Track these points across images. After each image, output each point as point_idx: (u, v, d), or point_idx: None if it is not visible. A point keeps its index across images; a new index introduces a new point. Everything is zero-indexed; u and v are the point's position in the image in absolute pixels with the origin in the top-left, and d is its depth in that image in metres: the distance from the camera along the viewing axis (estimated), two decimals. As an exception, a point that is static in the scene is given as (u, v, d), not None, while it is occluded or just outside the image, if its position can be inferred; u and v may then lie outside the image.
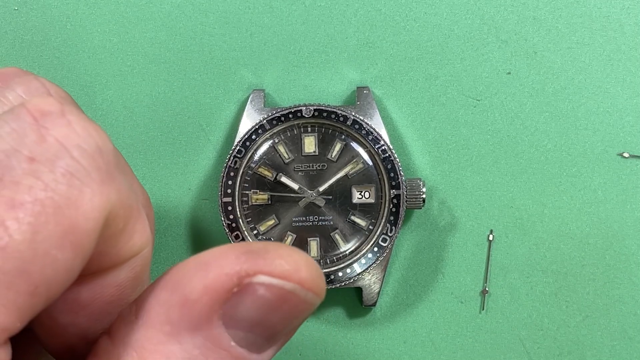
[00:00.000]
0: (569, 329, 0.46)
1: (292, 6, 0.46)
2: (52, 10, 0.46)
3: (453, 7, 0.45)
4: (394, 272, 0.46)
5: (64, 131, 0.19)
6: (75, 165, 0.19)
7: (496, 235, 0.46)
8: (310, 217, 0.44)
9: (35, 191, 0.18)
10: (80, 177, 0.19)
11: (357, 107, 0.44)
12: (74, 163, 0.19)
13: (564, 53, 0.45)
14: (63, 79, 0.46)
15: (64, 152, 0.19)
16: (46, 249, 0.18)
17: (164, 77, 0.46)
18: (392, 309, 0.46)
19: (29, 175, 0.18)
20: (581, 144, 0.45)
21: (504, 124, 0.46)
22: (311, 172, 0.44)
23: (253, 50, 0.46)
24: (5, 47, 0.46)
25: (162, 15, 0.46)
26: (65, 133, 0.19)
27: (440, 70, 0.45)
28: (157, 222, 0.46)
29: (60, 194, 0.18)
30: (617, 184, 0.45)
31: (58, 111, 0.19)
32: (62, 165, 0.19)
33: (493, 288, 0.46)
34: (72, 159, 0.19)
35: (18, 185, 0.18)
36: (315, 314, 0.47)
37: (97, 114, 0.46)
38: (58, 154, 0.19)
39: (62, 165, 0.19)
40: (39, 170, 0.18)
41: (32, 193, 0.18)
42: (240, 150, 0.43)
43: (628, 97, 0.45)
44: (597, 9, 0.45)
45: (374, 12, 0.45)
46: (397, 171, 0.43)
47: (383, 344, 0.46)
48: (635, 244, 0.45)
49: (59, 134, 0.19)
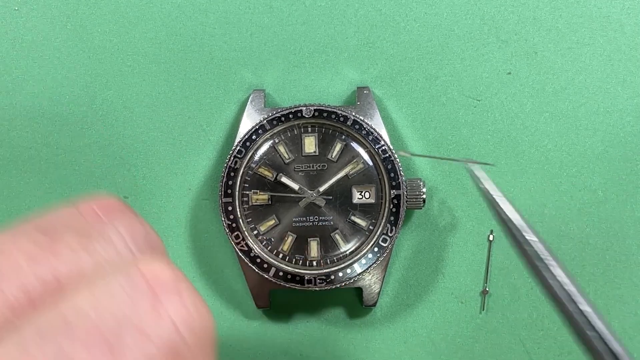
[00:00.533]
0: (569, 329, 0.46)
1: (292, 6, 0.45)
2: (52, 10, 0.46)
3: (453, 8, 0.45)
4: (394, 272, 0.46)
5: (177, 308, 0.19)
6: (184, 347, 0.19)
7: (496, 236, 0.46)
8: (311, 217, 0.44)
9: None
10: (185, 358, 0.19)
11: (358, 107, 0.44)
12: (182, 345, 0.19)
13: (564, 53, 0.45)
14: (63, 79, 0.46)
15: (175, 332, 0.19)
16: None
17: (164, 77, 0.46)
18: (392, 309, 0.46)
19: (137, 348, 0.18)
20: (581, 144, 0.45)
21: (504, 124, 0.46)
22: (311, 172, 0.44)
23: (253, 50, 0.46)
24: (5, 47, 0.46)
25: (162, 15, 0.46)
26: (178, 310, 0.19)
27: (440, 70, 0.45)
28: (157, 222, 0.46)
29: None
30: (617, 184, 0.45)
31: (173, 283, 0.19)
32: (171, 344, 0.19)
33: (493, 288, 0.46)
34: (182, 340, 0.19)
35: (124, 358, 0.18)
36: (316, 314, 0.47)
37: (97, 114, 0.46)
38: (169, 331, 0.19)
39: (170, 345, 0.19)
40: (147, 345, 0.18)
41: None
42: (240, 151, 0.43)
43: (628, 97, 0.45)
44: (597, 9, 0.45)
45: (374, 12, 0.45)
46: (397, 171, 0.43)
47: (383, 344, 0.46)
48: (635, 244, 0.45)
49: (173, 311, 0.19)
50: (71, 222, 0.21)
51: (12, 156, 0.46)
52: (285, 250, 0.44)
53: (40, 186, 0.46)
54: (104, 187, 0.46)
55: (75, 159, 0.46)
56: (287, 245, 0.44)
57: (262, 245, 0.44)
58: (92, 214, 0.22)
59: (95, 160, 0.46)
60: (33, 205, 0.46)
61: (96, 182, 0.46)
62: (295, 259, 0.44)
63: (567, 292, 0.28)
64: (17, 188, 0.46)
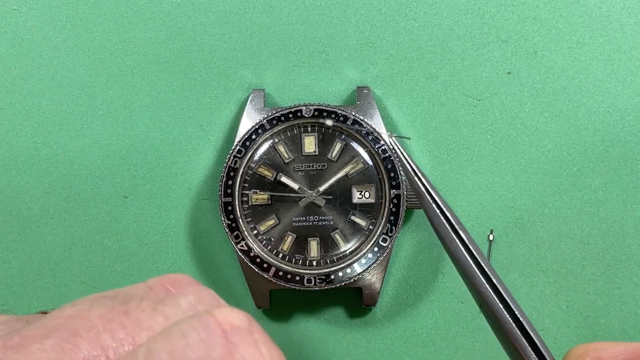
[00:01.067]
0: (570, 329, 0.45)
1: (292, 6, 0.46)
2: (52, 10, 0.46)
3: (453, 7, 0.45)
4: (394, 272, 0.46)
5: (251, 351, 0.19)
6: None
7: (496, 235, 0.46)
8: (311, 217, 0.44)
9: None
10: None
11: (357, 107, 0.44)
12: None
13: (565, 53, 0.45)
14: (63, 79, 0.46)
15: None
16: None
17: (164, 77, 0.46)
18: (392, 309, 0.46)
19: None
20: (581, 144, 0.45)
21: (504, 124, 0.46)
22: (311, 172, 0.44)
23: (253, 50, 0.46)
24: (5, 47, 0.46)
25: (162, 15, 0.46)
26: (252, 353, 0.19)
27: (440, 70, 0.45)
28: (157, 222, 0.46)
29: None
30: (617, 184, 0.45)
31: (246, 327, 0.20)
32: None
33: (493, 288, 0.46)
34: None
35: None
36: (316, 314, 0.47)
37: (97, 114, 0.46)
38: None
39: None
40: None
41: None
42: (240, 150, 0.43)
43: (628, 97, 0.45)
44: (597, 8, 0.45)
45: (374, 12, 0.45)
46: (397, 171, 0.43)
47: (383, 344, 0.46)
48: (635, 244, 0.45)
49: (247, 354, 0.19)
50: (142, 293, 0.22)
51: (12, 156, 0.46)
52: (285, 250, 0.44)
53: (40, 186, 0.46)
54: (104, 187, 0.46)
55: (75, 159, 0.46)
56: (287, 245, 0.44)
57: (262, 245, 0.44)
58: (162, 288, 0.23)
59: (95, 160, 0.46)
60: (33, 205, 0.46)
61: (96, 182, 0.46)
62: (295, 258, 0.44)
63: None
64: (17, 188, 0.46)
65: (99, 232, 0.46)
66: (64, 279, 0.47)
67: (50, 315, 0.20)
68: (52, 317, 0.20)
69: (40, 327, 0.19)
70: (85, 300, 0.20)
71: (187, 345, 0.18)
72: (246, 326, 0.20)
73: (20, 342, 0.19)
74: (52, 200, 0.46)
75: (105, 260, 0.47)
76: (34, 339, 0.19)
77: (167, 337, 0.19)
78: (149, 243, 0.46)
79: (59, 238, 0.47)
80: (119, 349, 0.19)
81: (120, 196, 0.46)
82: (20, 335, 0.19)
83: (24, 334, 0.19)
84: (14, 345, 0.19)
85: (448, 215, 0.31)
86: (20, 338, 0.19)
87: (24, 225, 0.47)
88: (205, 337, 0.19)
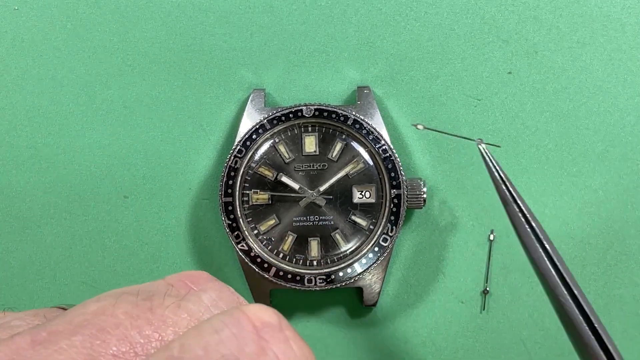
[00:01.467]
0: (570, 329, 0.45)
1: (292, 6, 0.45)
2: (52, 10, 0.46)
3: (454, 7, 0.45)
4: (394, 272, 0.46)
5: (282, 347, 0.19)
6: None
7: (497, 235, 0.46)
8: (311, 217, 0.44)
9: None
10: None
11: (358, 106, 0.44)
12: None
13: (565, 53, 0.45)
14: (63, 79, 0.46)
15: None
16: None
17: (164, 77, 0.46)
18: (392, 309, 0.46)
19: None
20: (581, 144, 0.45)
21: (504, 124, 0.46)
22: (312, 171, 0.44)
23: (253, 50, 0.46)
24: (6, 47, 0.46)
25: (162, 15, 0.46)
26: (284, 350, 0.19)
27: (440, 69, 0.45)
28: (157, 222, 0.46)
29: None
30: (617, 184, 0.45)
31: (277, 324, 0.20)
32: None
33: (494, 288, 0.46)
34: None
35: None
36: (316, 313, 0.47)
37: (97, 114, 0.46)
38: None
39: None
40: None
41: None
42: (240, 150, 0.43)
43: (628, 97, 0.45)
44: (597, 8, 0.45)
45: (374, 11, 0.45)
46: (397, 171, 0.43)
47: (383, 343, 0.46)
48: (636, 244, 0.45)
49: (279, 350, 0.19)
50: (163, 290, 0.22)
51: (12, 156, 0.46)
52: (286, 250, 0.44)
53: (40, 186, 0.46)
54: (104, 187, 0.46)
55: (75, 159, 0.46)
56: (288, 244, 0.44)
57: (263, 244, 0.44)
58: (182, 284, 0.23)
59: (95, 160, 0.46)
60: (33, 205, 0.46)
61: (96, 182, 0.46)
62: (295, 258, 0.44)
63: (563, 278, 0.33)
64: (17, 188, 0.46)
65: (99, 232, 0.46)
66: (64, 279, 0.47)
67: (74, 311, 0.20)
68: (77, 313, 0.20)
69: (66, 322, 0.19)
70: (108, 296, 0.21)
71: (220, 340, 0.19)
72: (276, 323, 0.20)
73: (49, 337, 0.19)
74: (52, 200, 0.46)
75: (105, 260, 0.46)
76: (62, 334, 0.19)
77: (200, 333, 0.19)
78: (149, 243, 0.46)
79: (59, 238, 0.46)
80: (146, 345, 0.19)
81: (120, 196, 0.46)
82: (47, 331, 0.19)
83: (51, 329, 0.19)
84: (43, 340, 0.19)
85: (534, 225, 0.32)
86: (48, 333, 0.19)
87: (24, 225, 0.46)
88: (237, 333, 0.19)
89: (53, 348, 0.18)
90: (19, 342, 0.18)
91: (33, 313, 0.22)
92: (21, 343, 0.18)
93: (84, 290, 0.46)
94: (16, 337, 0.19)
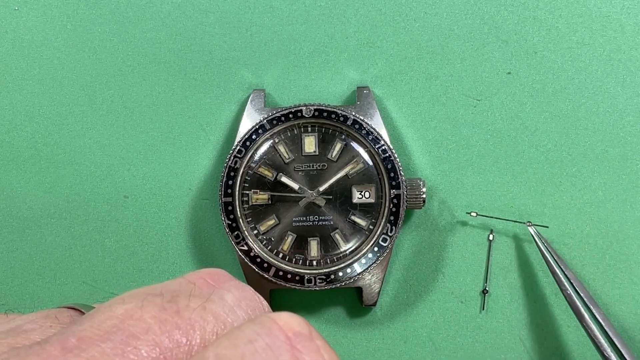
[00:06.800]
0: (569, 329, 0.46)
1: (292, 6, 0.46)
2: (52, 10, 0.46)
3: (453, 7, 0.45)
4: (394, 272, 0.46)
5: (315, 358, 0.19)
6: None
7: (496, 235, 0.46)
8: (311, 217, 0.44)
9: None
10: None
11: (357, 107, 0.44)
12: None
13: (564, 53, 0.45)
14: (63, 79, 0.46)
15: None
16: None
17: (164, 77, 0.46)
18: (392, 309, 0.46)
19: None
20: (581, 144, 0.45)
21: (504, 124, 0.46)
22: (311, 172, 0.44)
23: (253, 50, 0.46)
24: (6, 47, 0.46)
25: (162, 15, 0.46)
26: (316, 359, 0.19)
27: (440, 70, 0.45)
28: (157, 222, 0.46)
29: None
30: (617, 184, 0.45)
31: (308, 334, 0.20)
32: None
33: (493, 288, 0.46)
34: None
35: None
36: (316, 313, 0.47)
37: (97, 114, 0.46)
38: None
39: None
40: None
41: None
42: (240, 150, 0.43)
43: (627, 97, 0.45)
44: (597, 8, 0.45)
45: (374, 12, 0.45)
46: (397, 171, 0.43)
47: (383, 343, 0.46)
48: (635, 244, 0.45)
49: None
50: (186, 289, 0.22)
51: (12, 156, 0.46)
52: (285, 250, 0.44)
53: (40, 186, 0.46)
54: (104, 187, 0.46)
55: (75, 159, 0.46)
56: (287, 244, 0.44)
57: (262, 245, 0.44)
58: (203, 282, 0.23)
59: (95, 160, 0.46)
60: (33, 205, 0.46)
61: (96, 182, 0.46)
62: (295, 258, 0.44)
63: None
64: (17, 188, 0.46)
65: (99, 232, 0.46)
66: (64, 279, 0.47)
67: (101, 314, 0.20)
68: (104, 317, 0.20)
69: (95, 327, 0.19)
70: (132, 297, 0.20)
71: (255, 351, 0.19)
72: (307, 332, 0.20)
73: (79, 344, 0.18)
74: (52, 200, 0.46)
75: (105, 260, 0.47)
76: (92, 340, 0.19)
77: (234, 343, 0.19)
78: (149, 243, 0.47)
79: (59, 238, 0.47)
80: (175, 350, 0.19)
81: (120, 196, 0.46)
82: (77, 337, 0.19)
83: (80, 335, 0.19)
84: (73, 347, 0.18)
85: (591, 307, 0.39)
86: (77, 340, 0.19)
87: (24, 225, 0.47)
88: (271, 344, 0.19)
89: (84, 356, 0.18)
90: (49, 350, 0.18)
91: (44, 315, 0.22)
92: (51, 351, 0.18)
93: (83, 290, 0.47)
94: (45, 345, 0.18)
